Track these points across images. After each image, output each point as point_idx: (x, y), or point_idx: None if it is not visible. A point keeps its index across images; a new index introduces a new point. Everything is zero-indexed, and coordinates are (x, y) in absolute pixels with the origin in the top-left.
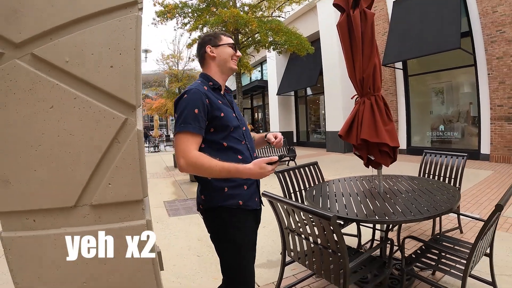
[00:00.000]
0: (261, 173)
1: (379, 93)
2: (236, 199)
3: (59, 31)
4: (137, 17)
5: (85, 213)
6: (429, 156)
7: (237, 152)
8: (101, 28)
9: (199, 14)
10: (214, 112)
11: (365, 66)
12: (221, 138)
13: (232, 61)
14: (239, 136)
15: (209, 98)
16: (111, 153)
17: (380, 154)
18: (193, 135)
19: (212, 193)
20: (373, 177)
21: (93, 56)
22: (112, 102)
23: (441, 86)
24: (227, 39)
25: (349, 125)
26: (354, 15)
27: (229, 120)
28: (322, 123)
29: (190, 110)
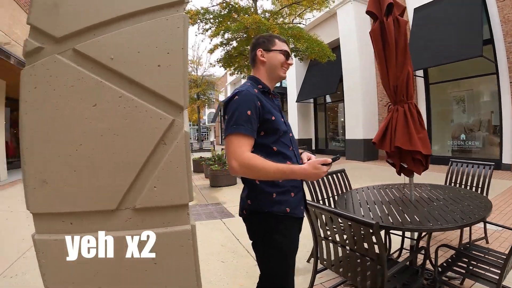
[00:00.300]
0: (316, 173)
1: (412, 100)
2: (284, 205)
3: (103, 27)
4: (184, 17)
5: (127, 217)
6: (455, 165)
7: (286, 157)
8: (148, 26)
9: (221, 20)
10: (265, 115)
11: (398, 73)
12: (271, 142)
13: (282, 69)
14: (288, 142)
15: (260, 100)
16: (157, 155)
17: (413, 162)
18: (245, 137)
19: (259, 197)
20: (402, 185)
21: (140, 55)
22: (159, 102)
23: (462, 94)
24: (281, 45)
25: (383, 132)
26: (387, 22)
27: (279, 124)
28: (340, 131)
29: (242, 111)
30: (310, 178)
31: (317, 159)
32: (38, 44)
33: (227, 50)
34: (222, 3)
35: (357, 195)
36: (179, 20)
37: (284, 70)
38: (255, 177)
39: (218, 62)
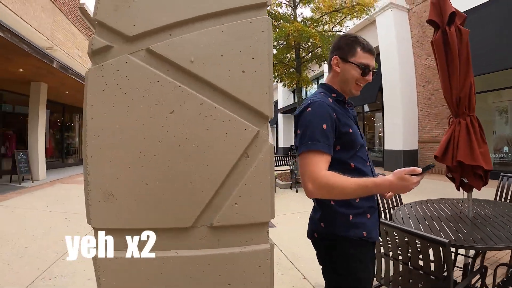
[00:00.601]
0: (404, 185)
1: (473, 113)
2: (361, 229)
3: (180, 27)
4: (268, 20)
5: (202, 235)
6: (506, 180)
7: (363, 175)
8: (231, 28)
9: None
10: (342, 128)
11: (461, 85)
12: (349, 157)
13: (356, 85)
14: (365, 156)
15: (336, 111)
16: (239, 168)
17: (474, 177)
18: (322, 154)
19: (335, 220)
20: (455, 201)
21: (223, 58)
22: (243, 111)
23: (505, 104)
24: (362, 56)
25: (445, 146)
26: (450, 32)
27: (356, 137)
28: (377, 141)
29: (317, 125)
30: (398, 190)
31: (404, 169)
32: (106, 43)
33: None
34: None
35: (412, 209)
36: (263, 24)
37: (358, 86)
38: (334, 197)
39: None
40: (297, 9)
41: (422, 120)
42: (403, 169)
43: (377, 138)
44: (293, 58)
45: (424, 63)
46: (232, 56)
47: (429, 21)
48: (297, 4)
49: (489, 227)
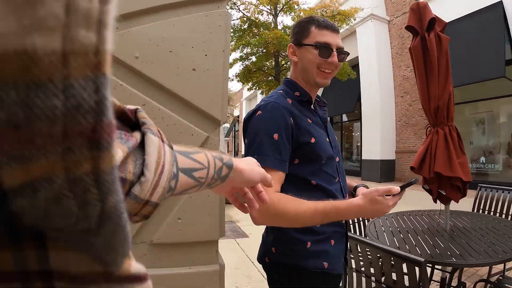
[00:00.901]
0: (377, 209)
1: (452, 123)
2: (321, 259)
3: (129, 19)
4: (226, 14)
5: (141, 253)
6: (484, 190)
7: (328, 194)
8: (183, 22)
9: (240, 35)
10: (301, 137)
11: (440, 93)
12: (309, 173)
13: (319, 71)
14: (332, 171)
15: (294, 116)
16: None
17: (451, 188)
18: (271, 172)
19: (289, 247)
20: (433, 213)
21: (171, 55)
22: (191, 114)
23: (482, 116)
24: (317, 36)
25: (422, 157)
26: (429, 38)
27: (321, 147)
28: (355, 151)
29: (267, 134)
30: (369, 216)
31: (377, 189)
32: None
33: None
34: (243, 17)
35: (387, 221)
36: (221, 17)
37: (323, 73)
38: (286, 225)
39: (236, 76)
40: (277, 17)
41: (399, 131)
42: (375, 189)
43: (355, 148)
44: (272, 66)
45: (403, 74)
46: (182, 53)
47: (407, 27)
48: (278, 12)
49: (467, 240)
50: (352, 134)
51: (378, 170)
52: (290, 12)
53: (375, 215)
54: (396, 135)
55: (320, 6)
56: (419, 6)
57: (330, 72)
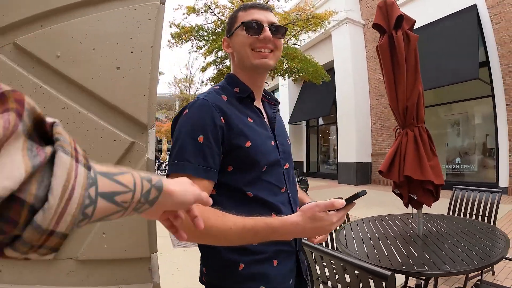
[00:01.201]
0: (318, 227)
1: (422, 124)
2: (257, 282)
3: (55, 16)
4: (158, 7)
5: (69, 270)
6: (459, 191)
7: (270, 207)
8: (110, 16)
9: (215, 38)
10: (234, 139)
11: (408, 94)
12: (245, 183)
13: (254, 52)
14: (277, 180)
15: (225, 114)
16: None
17: (423, 192)
18: (193, 180)
19: (219, 268)
20: (406, 217)
21: (94, 53)
22: (114, 117)
23: (457, 117)
24: (245, 15)
25: (391, 160)
26: (397, 36)
27: (259, 152)
28: (332, 154)
29: (190, 137)
30: (309, 234)
31: (317, 204)
32: None
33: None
34: (217, 20)
35: (358, 227)
36: (151, 10)
37: (259, 53)
38: (211, 243)
39: (210, 80)
40: None
41: (375, 133)
42: (315, 204)
43: (332, 151)
44: None
45: (378, 78)
46: (107, 50)
47: (374, 25)
48: None
49: (441, 247)
50: (329, 138)
51: (354, 173)
52: None
53: (317, 233)
54: (371, 138)
55: (294, 9)
56: (386, 4)
57: (267, 52)
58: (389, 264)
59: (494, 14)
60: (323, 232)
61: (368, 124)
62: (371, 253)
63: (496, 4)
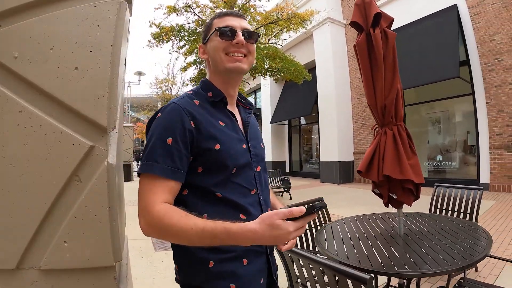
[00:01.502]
0: (275, 236)
1: (401, 122)
2: (227, 280)
3: (10, 15)
4: (120, 4)
5: (32, 280)
6: (440, 189)
7: (238, 208)
8: (68, 15)
9: (195, 38)
10: (204, 142)
11: (387, 92)
12: (214, 184)
13: (227, 56)
14: (247, 182)
15: (195, 119)
16: (68, 196)
17: (403, 191)
18: (160, 180)
19: (189, 266)
20: (388, 216)
21: (52, 53)
22: (73, 120)
23: (438, 115)
24: (219, 22)
25: (369, 159)
26: (374, 34)
27: (228, 155)
28: (314, 153)
29: (160, 139)
30: (266, 242)
31: (277, 212)
32: None
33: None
34: (198, 20)
35: (338, 227)
36: (112, 8)
37: (232, 57)
38: (173, 241)
39: (191, 81)
40: None
41: (357, 132)
42: (274, 212)
43: (314, 150)
44: None
45: (359, 77)
46: (64, 50)
47: (352, 23)
48: None
49: (422, 246)
50: (311, 137)
51: (336, 171)
52: (246, 15)
53: (276, 242)
54: (353, 137)
55: (276, 9)
56: (364, 2)
57: (241, 56)
58: (369, 265)
59: (474, 13)
60: (282, 241)
61: (349, 123)
62: (351, 254)
63: (477, 4)
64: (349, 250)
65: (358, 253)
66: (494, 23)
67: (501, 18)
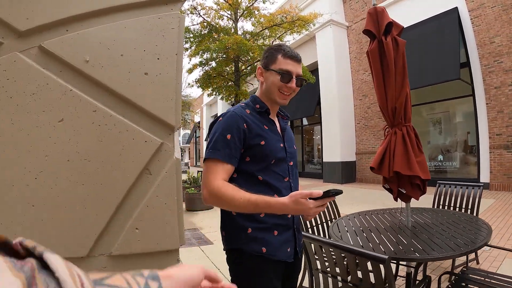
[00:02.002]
0: (299, 209)
1: (410, 123)
2: (260, 244)
3: (80, 21)
4: (179, 17)
5: (101, 266)
6: (443, 187)
7: (273, 189)
8: (135, 24)
9: (201, 40)
10: (252, 139)
11: (397, 95)
12: (257, 170)
13: (280, 93)
14: (282, 171)
15: (247, 122)
16: (140, 188)
17: (411, 187)
18: (220, 163)
19: (233, 231)
20: (394, 211)
21: (123, 58)
22: (144, 120)
23: (439, 116)
24: (282, 62)
25: (381, 157)
26: (386, 42)
27: (270, 149)
28: (316, 153)
29: (222, 135)
30: (293, 213)
31: (301, 192)
32: None
33: (206, 70)
34: (203, 22)
35: (349, 222)
36: (174, 20)
37: (282, 95)
38: (225, 207)
39: (196, 82)
40: (238, 22)
41: (359, 132)
42: (300, 192)
43: (316, 150)
44: (232, 71)
45: (361, 78)
46: (134, 56)
47: (365, 31)
48: (238, 18)
49: (429, 236)
50: (313, 137)
51: (339, 171)
52: (250, 17)
53: (299, 213)
54: (356, 137)
55: (280, 11)
56: (376, 11)
57: (288, 94)
58: (382, 252)
59: (474, 16)
60: (304, 213)
61: (352, 124)
62: (365, 244)
63: (477, 7)
64: (362, 240)
65: (371, 242)
66: (494, 25)
67: (501, 20)
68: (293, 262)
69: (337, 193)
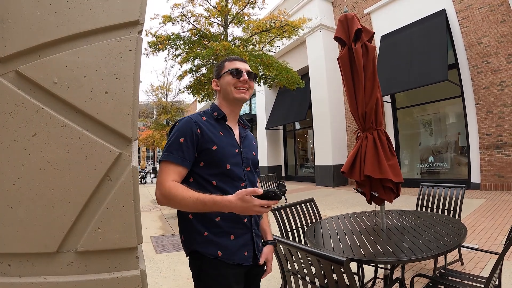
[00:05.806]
0: (245, 207)
1: (381, 127)
2: (216, 248)
3: (50, 47)
4: (137, 39)
5: (69, 261)
6: (426, 188)
7: (227, 194)
8: (96, 49)
9: (191, 47)
10: (205, 144)
11: (367, 100)
12: (211, 174)
13: (236, 89)
14: (237, 177)
15: (201, 128)
16: (101, 192)
17: (384, 190)
18: (172, 165)
19: (190, 235)
20: (374, 213)
21: (86, 79)
22: (104, 133)
23: (429, 117)
24: (229, 65)
25: (352, 161)
26: (356, 48)
27: (223, 154)
28: (310, 157)
29: (176, 138)
30: (240, 212)
31: (246, 189)
32: None
33: (196, 76)
34: (193, 29)
35: (327, 225)
36: (131, 42)
37: (239, 90)
38: (177, 207)
39: (187, 88)
40: (228, 28)
41: (350, 136)
42: (245, 189)
43: (309, 154)
44: None
45: None
46: (96, 77)
47: (336, 38)
48: (228, 24)
49: (402, 238)
50: (306, 141)
51: (331, 175)
52: (240, 23)
53: (245, 211)
54: (347, 140)
55: (269, 17)
56: (347, 18)
57: (245, 90)
58: (352, 255)
59: (462, 18)
60: (250, 211)
61: (343, 127)
62: (337, 247)
63: (464, 8)
64: (335, 243)
65: (343, 245)
66: (481, 26)
67: (488, 21)
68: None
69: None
